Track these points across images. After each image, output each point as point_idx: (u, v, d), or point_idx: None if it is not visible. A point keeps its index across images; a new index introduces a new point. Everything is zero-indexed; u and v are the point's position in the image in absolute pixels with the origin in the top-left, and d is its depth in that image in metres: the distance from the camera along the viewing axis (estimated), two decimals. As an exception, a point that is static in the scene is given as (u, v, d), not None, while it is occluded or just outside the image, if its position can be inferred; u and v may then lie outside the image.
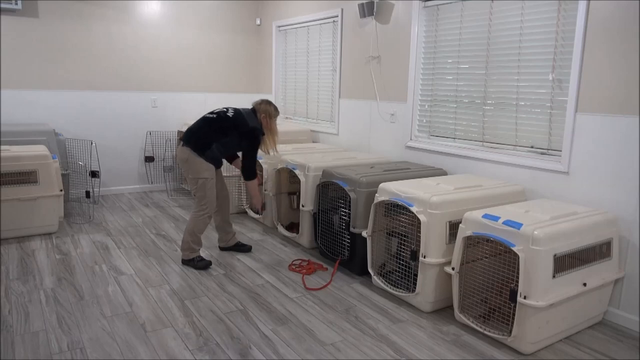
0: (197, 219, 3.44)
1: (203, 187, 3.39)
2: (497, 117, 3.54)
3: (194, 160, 3.35)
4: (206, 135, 3.37)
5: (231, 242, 3.86)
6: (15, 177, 3.90)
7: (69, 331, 2.60)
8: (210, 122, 3.41)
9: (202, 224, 3.46)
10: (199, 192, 3.40)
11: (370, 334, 2.66)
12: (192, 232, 3.47)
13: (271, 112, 3.53)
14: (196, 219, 3.45)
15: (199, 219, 3.44)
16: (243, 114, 3.44)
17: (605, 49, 2.82)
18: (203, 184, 3.38)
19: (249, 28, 6.35)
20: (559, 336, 2.64)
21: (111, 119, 5.55)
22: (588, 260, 2.64)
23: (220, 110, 3.49)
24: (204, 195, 3.41)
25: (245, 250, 3.86)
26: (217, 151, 3.41)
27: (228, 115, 3.43)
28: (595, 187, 2.93)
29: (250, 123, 3.41)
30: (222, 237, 3.85)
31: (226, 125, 3.39)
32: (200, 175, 3.37)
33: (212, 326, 2.70)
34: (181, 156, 3.40)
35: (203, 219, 3.45)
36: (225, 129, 3.39)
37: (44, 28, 5.02)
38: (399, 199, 3.00)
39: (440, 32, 3.93)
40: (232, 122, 3.40)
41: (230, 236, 3.85)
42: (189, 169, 3.38)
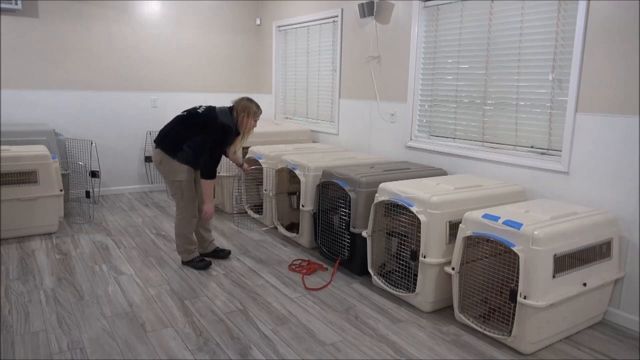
0: (180, 221, 3.38)
1: (179, 189, 3.30)
2: (497, 117, 3.54)
3: (167, 162, 3.24)
4: (176, 135, 3.23)
5: (210, 248, 3.67)
6: (15, 177, 3.90)
7: (69, 331, 2.60)
8: (181, 120, 3.27)
9: (187, 224, 3.39)
10: (176, 194, 3.32)
11: (370, 334, 2.66)
12: (180, 234, 3.41)
13: (251, 109, 3.33)
14: (179, 221, 3.38)
15: (182, 221, 3.38)
16: (215, 111, 3.29)
17: (605, 49, 2.82)
18: (179, 186, 3.29)
19: (249, 28, 6.35)
20: (559, 336, 2.64)
21: (111, 119, 5.55)
22: (588, 260, 2.64)
23: (192, 107, 3.35)
24: (181, 197, 3.32)
25: (224, 256, 3.69)
26: (190, 151, 3.23)
27: (198, 112, 3.28)
28: (595, 187, 2.93)
29: (220, 119, 3.24)
30: (201, 243, 3.65)
31: (196, 122, 3.23)
32: (174, 177, 3.26)
33: (212, 326, 2.70)
34: (155, 158, 3.31)
35: (186, 220, 3.37)
36: (195, 127, 3.22)
37: (44, 28, 5.02)
38: (399, 199, 3.00)
39: (440, 32, 3.93)
40: (201, 118, 3.24)
41: (207, 242, 3.66)
42: (164, 172, 3.29)
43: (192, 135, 3.21)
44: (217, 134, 3.22)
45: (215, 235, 4.30)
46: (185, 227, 3.39)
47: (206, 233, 3.63)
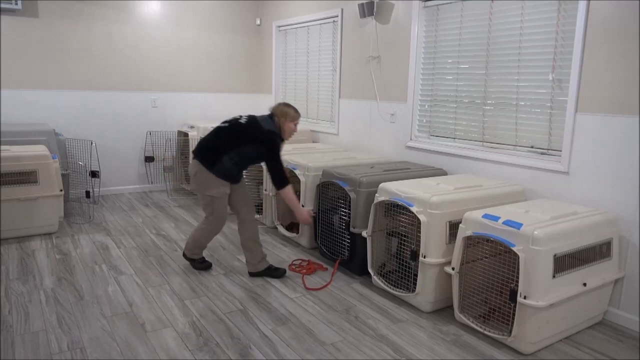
0: (203, 231, 3.29)
1: (210, 204, 3.15)
2: (497, 117, 3.54)
3: (203, 175, 3.08)
4: (216, 146, 3.07)
5: (261, 266, 3.36)
6: (15, 177, 3.90)
7: (69, 331, 2.60)
8: (222, 131, 3.12)
9: (206, 236, 3.32)
10: (207, 208, 3.19)
11: (370, 334, 2.66)
12: (198, 240, 3.34)
13: (289, 113, 3.20)
14: (202, 230, 3.29)
15: (205, 232, 3.29)
16: (257, 119, 3.15)
17: (605, 49, 2.82)
18: (210, 201, 3.15)
19: (249, 28, 6.35)
20: (559, 336, 2.64)
21: (111, 119, 5.55)
22: (588, 260, 2.64)
23: (233, 118, 3.21)
24: (211, 212, 3.20)
25: (279, 275, 3.36)
26: (230, 164, 3.08)
27: (240, 122, 3.13)
28: (595, 187, 2.93)
29: (264, 126, 3.10)
30: (249, 259, 3.36)
31: (238, 132, 3.08)
32: (207, 191, 3.12)
33: (212, 326, 2.70)
34: (190, 170, 3.16)
35: (208, 234, 3.30)
36: (238, 138, 3.07)
37: (44, 28, 5.02)
38: (399, 199, 3.00)
39: (440, 32, 3.93)
40: (244, 128, 3.09)
41: (257, 258, 3.35)
42: (198, 184, 3.13)
43: (235, 146, 3.07)
44: (266, 142, 3.07)
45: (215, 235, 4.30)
46: (206, 237, 3.33)
47: (256, 246, 3.34)
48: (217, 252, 3.85)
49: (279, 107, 3.23)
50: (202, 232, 3.30)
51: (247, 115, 3.21)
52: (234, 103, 6.39)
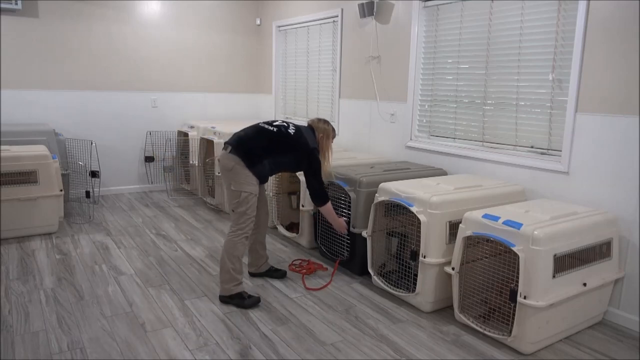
0: (235, 239, 2.94)
1: (245, 202, 2.93)
2: (497, 117, 3.54)
3: (240, 172, 2.91)
4: (262, 149, 2.95)
5: (263, 268, 3.38)
6: (15, 177, 3.90)
7: (69, 331, 2.60)
8: (270, 136, 2.99)
9: (242, 245, 2.96)
10: (240, 207, 2.94)
11: (370, 334, 2.66)
12: (233, 255, 2.94)
13: (329, 132, 3.20)
14: (234, 239, 2.94)
15: (238, 240, 2.95)
16: (304, 133, 3.08)
17: (605, 49, 2.82)
18: (246, 199, 2.93)
19: (249, 28, 6.35)
20: (559, 336, 2.64)
21: (111, 119, 5.55)
22: (588, 260, 2.64)
23: (280, 124, 3.07)
24: (244, 212, 2.94)
25: (280, 276, 3.38)
26: (268, 168, 3.00)
27: (289, 132, 3.03)
28: (595, 187, 2.93)
29: (311, 144, 3.06)
30: (254, 261, 3.35)
31: (286, 143, 3.00)
32: (244, 188, 2.92)
33: (212, 326, 2.70)
34: (225, 164, 2.94)
35: (241, 239, 2.96)
36: (284, 147, 3.00)
37: (44, 28, 5.02)
38: (399, 199, 3.00)
39: (440, 32, 3.93)
40: (294, 141, 3.01)
41: (262, 260, 3.37)
42: (232, 179, 2.93)
43: (278, 154, 2.99)
44: (313, 158, 3.04)
45: (216, 235, 4.31)
46: (241, 248, 2.96)
47: (262, 249, 3.36)
48: (217, 252, 3.85)
49: (320, 124, 3.20)
50: (237, 242, 2.95)
51: (293, 125, 3.12)
52: (234, 103, 6.39)
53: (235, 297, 2.95)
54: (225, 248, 2.96)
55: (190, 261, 3.65)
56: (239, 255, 2.95)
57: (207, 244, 4.05)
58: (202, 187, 5.31)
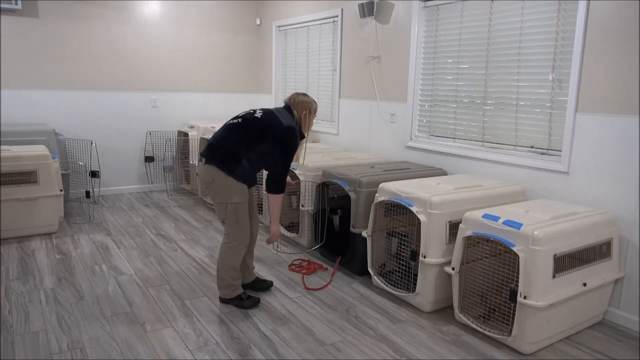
0: (230, 250, 2.81)
1: (234, 213, 2.73)
2: (497, 117, 3.54)
3: (222, 182, 2.68)
4: (233, 146, 2.68)
5: (249, 278, 3.14)
6: (15, 177, 3.90)
7: (69, 331, 2.60)
8: (236, 129, 2.70)
9: (237, 255, 2.82)
10: (229, 219, 2.75)
11: (370, 334, 2.66)
12: (228, 267, 2.82)
13: (311, 105, 2.87)
14: (228, 250, 2.81)
15: (232, 250, 2.81)
16: (275, 113, 2.77)
17: (605, 49, 2.82)
18: (234, 210, 2.72)
19: (249, 28, 6.35)
20: (559, 336, 2.64)
21: (111, 119, 5.55)
22: (588, 260, 2.64)
23: (245, 112, 2.79)
24: (234, 223, 2.76)
25: (266, 288, 3.15)
26: (249, 166, 2.71)
27: (256, 116, 2.72)
28: (595, 187, 2.93)
29: (284, 122, 2.73)
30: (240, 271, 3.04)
31: (256, 129, 2.69)
32: (230, 199, 2.70)
33: (212, 326, 2.70)
34: (205, 178, 2.73)
35: (236, 250, 2.81)
36: (255, 136, 2.68)
37: (44, 28, 5.02)
38: (399, 199, 3.00)
39: (440, 32, 3.93)
40: (262, 124, 2.70)
41: (248, 271, 3.13)
42: (217, 192, 2.71)
43: (253, 145, 2.68)
44: (286, 139, 2.71)
45: (216, 235, 4.31)
46: (236, 258, 2.83)
47: (250, 259, 3.11)
48: (217, 252, 3.85)
49: (297, 98, 2.85)
50: (230, 252, 2.81)
51: (260, 109, 2.81)
52: (234, 103, 6.39)
53: (235, 299, 2.91)
54: (220, 257, 2.84)
55: (190, 261, 3.65)
56: (235, 266, 2.84)
57: (207, 244, 4.05)
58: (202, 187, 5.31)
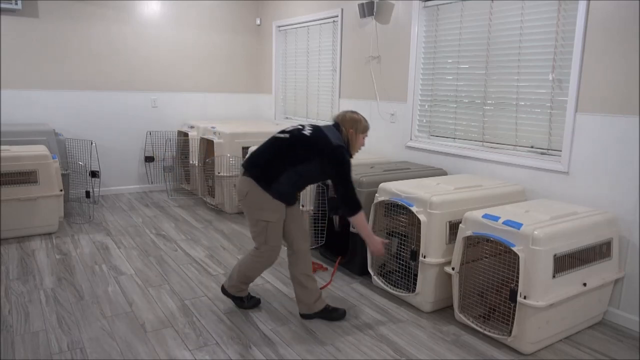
0: (254, 263, 2.70)
1: (264, 231, 2.60)
2: (497, 117, 3.54)
3: (256, 196, 2.54)
4: (274, 162, 2.53)
5: (317, 307, 2.78)
6: (15, 177, 3.90)
7: (69, 331, 2.60)
8: (282, 145, 2.57)
9: (257, 272, 2.74)
10: (259, 237, 2.63)
11: (370, 334, 2.66)
12: (245, 275, 2.75)
13: (360, 123, 2.69)
14: (253, 263, 2.70)
15: (255, 266, 2.71)
16: (324, 130, 2.62)
17: (605, 49, 2.82)
18: (264, 228, 2.59)
19: (249, 28, 6.35)
20: (559, 336, 2.64)
21: (111, 119, 5.55)
22: (588, 260, 2.64)
23: (294, 128, 2.65)
24: (263, 242, 2.64)
25: (339, 317, 2.81)
26: (288, 184, 2.56)
27: (304, 133, 2.58)
28: (595, 187, 2.93)
29: (333, 140, 2.57)
30: (303, 298, 2.77)
31: (303, 147, 2.54)
32: (261, 216, 2.57)
33: (212, 326, 2.70)
34: (240, 189, 2.61)
35: (258, 266, 2.71)
36: (302, 153, 2.54)
37: (44, 28, 5.02)
38: (399, 199, 3.00)
39: (440, 32, 3.93)
40: (310, 142, 2.55)
41: (313, 297, 2.77)
42: (249, 206, 2.59)
43: (298, 163, 2.54)
44: (336, 158, 2.53)
45: (216, 235, 4.30)
46: (256, 272, 2.75)
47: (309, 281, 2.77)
48: (217, 252, 3.85)
49: (346, 116, 2.70)
50: (252, 265, 2.72)
51: (310, 125, 2.68)
52: (234, 103, 6.39)
53: (236, 299, 2.90)
54: (241, 262, 2.73)
55: (190, 261, 3.65)
56: (252, 277, 2.76)
57: (207, 243, 4.05)
58: (202, 187, 5.31)
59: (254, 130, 5.06)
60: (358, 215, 2.58)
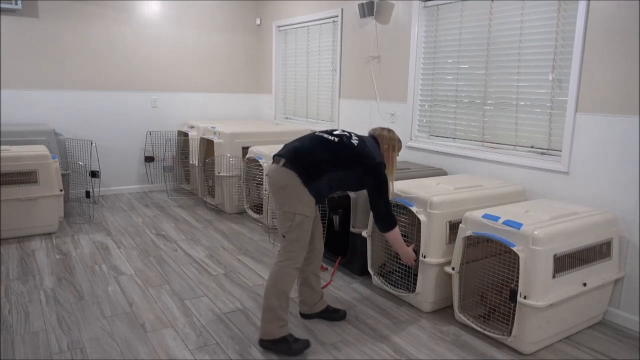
0: (283, 270, 2.46)
1: (299, 226, 2.45)
2: (497, 117, 3.54)
3: (295, 190, 2.42)
4: (321, 161, 2.46)
5: (319, 307, 2.81)
6: (15, 177, 3.90)
7: (69, 331, 2.60)
8: (330, 146, 2.51)
9: (290, 278, 2.47)
10: (293, 232, 2.45)
11: (370, 334, 2.66)
12: (280, 290, 2.44)
13: (395, 144, 2.73)
14: (282, 270, 2.46)
15: (286, 272, 2.46)
16: (368, 145, 2.60)
17: (605, 49, 2.82)
18: (300, 223, 2.44)
19: (249, 28, 6.35)
20: (559, 336, 2.64)
21: (111, 119, 5.55)
22: (588, 260, 2.64)
23: (341, 133, 2.60)
24: (296, 238, 2.46)
25: (339, 318, 2.82)
26: (327, 185, 2.49)
27: (352, 142, 2.55)
28: (595, 187, 2.93)
29: (376, 157, 2.58)
30: (307, 298, 2.79)
31: (349, 156, 2.51)
32: (298, 209, 2.43)
33: (212, 326, 2.70)
34: (278, 180, 2.45)
35: (291, 271, 2.47)
36: (346, 161, 2.50)
37: (44, 28, 5.02)
38: (398, 199, 3.00)
39: (440, 32, 3.93)
40: (357, 153, 2.53)
41: (317, 297, 2.79)
42: (285, 200, 2.44)
43: (341, 168, 2.50)
44: (375, 175, 2.55)
45: (216, 235, 4.31)
46: (289, 281, 2.47)
47: (317, 283, 2.79)
48: (217, 252, 3.85)
49: (385, 134, 2.72)
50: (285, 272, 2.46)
51: (356, 135, 2.64)
52: (234, 103, 6.40)
53: (280, 342, 2.44)
54: (271, 280, 2.47)
55: (190, 261, 3.65)
56: (286, 290, 2.47)
57: (207, 243, 4.05)
58: (202, 187, 5.31)
59: (254, 130, 5.06)
60: (393, 231, 2.62)
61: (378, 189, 2.57)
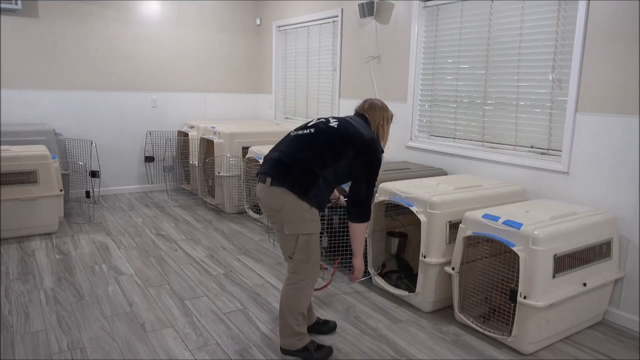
0: (298, 292, 2.27)
1: (306, 247, 2.21)
2: (497, 117, 3.54)
3: (294, 208, 2.15)
4: (308, 164, 2.15)
5: (308, 321, 2.59)
6: (15, 177, 3.90)
7: (69, 331, 2.60)
8: (309, 142, 2.19)
9: (306, 296, 2.29)
10: (300, 254, 2.22)
11: (370, 334, 2.66)
12: (295, 311, 2.29)
13: (389, 113, 2.41)
14: (296, 292, 2.27)
15: (300, 292, 2.27)
16: (353, 123, 2.28)
17: (605, 49, 2.82)
18: (306, 242, 2.21)
19: (249, 28, 6.35)
20: (559, 336, 2.64)
21: (111, 119, 5.55)
22: (588, 260, 2.64)
23: (317, 121, 2.29)
24: (307, 258, 2.23)
25: (329, 330, 2.64)
26: (325, 187, 2.19)
27: (332, 126, 2.23)
28: (595, 187, 2.93)
29: (365, 133, 2.25)
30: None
31: (332, 142, 2.18)
32: (302, 229, 2.18)
33: (212, 326, 2.70)
34: (271, 203, 2.18)
35: (306, 292, 2.28)
36: (334, 150, 2.17)
37: (44, 28, 5.02)
38: (399, 199, 3.00)
39: (440, 32, 3.93)
40: (341, 135, 2.20)
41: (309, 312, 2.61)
42: (285, 221, 2.19)
43: (332, 161, 2.17)
44: (369, 154, 2.21)
45: (216, 235, 4.31)
46: (304, 300, 2.29)
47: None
48: (217, 252, 3.85)
49: (374, 107, 2.37)
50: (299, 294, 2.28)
51: (334, 117, 2.33)
52: (234, 103, 6.40)
53: (302, 351, 2.35)
54: (285, 302, 2.29)
55: (190, 261, 3.65)
56: (302, 310, 2.29)
57: (207, 244, 4.05)
58: (202, 187, 5.31)
59: (254, 130, 5.06)
60: (361, 225, 2.30)
61: (366, 171, 2.22)
